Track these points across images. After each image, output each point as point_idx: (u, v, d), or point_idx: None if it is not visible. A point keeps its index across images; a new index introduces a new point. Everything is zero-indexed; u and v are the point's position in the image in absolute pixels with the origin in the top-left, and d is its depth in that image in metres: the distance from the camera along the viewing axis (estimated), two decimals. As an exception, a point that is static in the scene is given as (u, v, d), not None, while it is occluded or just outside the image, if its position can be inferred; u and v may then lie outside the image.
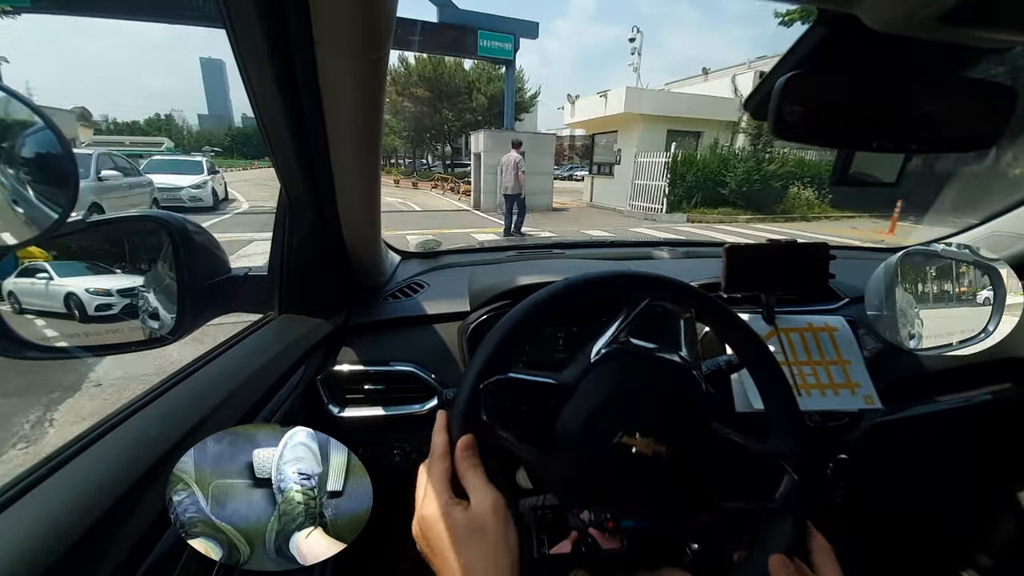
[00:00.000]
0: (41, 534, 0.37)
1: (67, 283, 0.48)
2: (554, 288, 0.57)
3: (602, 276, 0.59)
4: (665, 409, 0.54)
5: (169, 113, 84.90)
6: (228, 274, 0.81)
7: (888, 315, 0.93)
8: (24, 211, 0.49)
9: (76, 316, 0.51)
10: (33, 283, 0.48)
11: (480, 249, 1.48)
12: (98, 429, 0.50)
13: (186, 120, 79.80)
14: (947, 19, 0.33)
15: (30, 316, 0.48)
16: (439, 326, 0.96)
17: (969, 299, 0.95)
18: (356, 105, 0.57)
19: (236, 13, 0.48)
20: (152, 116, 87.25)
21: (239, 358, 0.71)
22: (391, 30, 0.49)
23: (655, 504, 0.55)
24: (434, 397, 0.87)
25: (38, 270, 0.47)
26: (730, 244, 0.89)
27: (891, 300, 0.93)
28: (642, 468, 0.51)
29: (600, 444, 0.51)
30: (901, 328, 0.93)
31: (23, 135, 0.48)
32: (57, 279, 0.48)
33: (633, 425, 0.51)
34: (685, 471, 0.54)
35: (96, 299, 0.49)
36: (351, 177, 0.71)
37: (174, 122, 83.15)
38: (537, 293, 0.57)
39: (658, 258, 1.36)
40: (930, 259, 0.99)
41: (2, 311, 0.56)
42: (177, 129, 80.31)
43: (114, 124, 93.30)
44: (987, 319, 0.91)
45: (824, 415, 0.92)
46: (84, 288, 0.49)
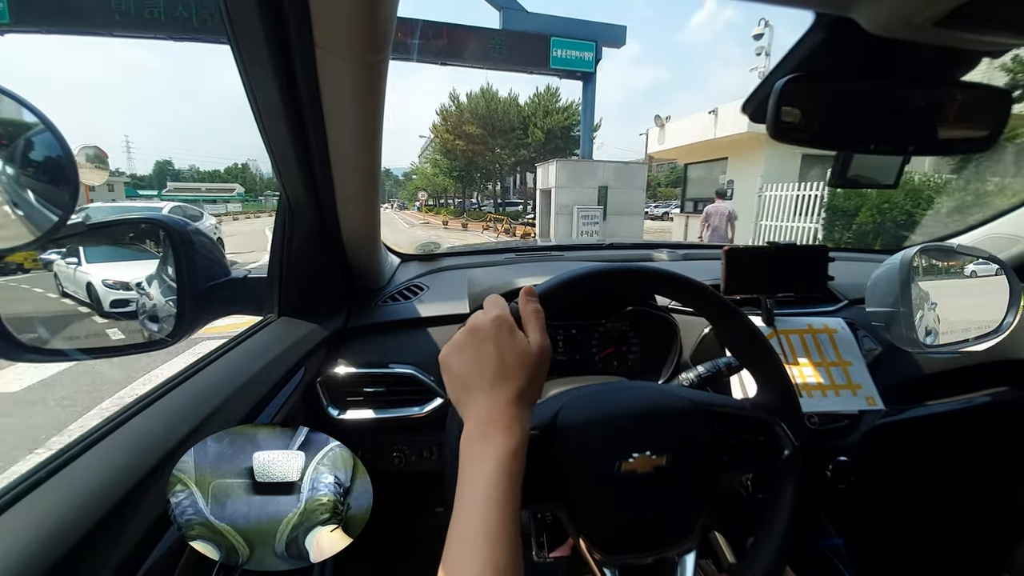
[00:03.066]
0: (43, 534, 0.37)
1: (90, 270, 0.47)
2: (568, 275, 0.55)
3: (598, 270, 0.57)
4: (648, 417, 0.54)
5: (245, 162, 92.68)
6: (228, 276, 0.81)
7: (904, 311, 0.91)
8: (24, 213, 0.49)
9: (94, 308, 0.51)
10: (67, 265, 0.48)
11: (479, 251, 1.48)
12: (100, 430, 0.50)
13: (259, 168, 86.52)
14: (944, 23, 0.33)
15: (68, 301, 0.48)
16: (438, 328, 0.96)
17: (984, 294, 0.95)
18: (356, 108, 0.57)
19: (237, 17, 0.49)
20: (231, 165, 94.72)
21: (239, 360, 0.71)
22: (391, 33, 0.49)
23: (658, 526, 0.55)
24: (434, 399, 0.87)
25: (70, 253, 0.48)
26: (730, 246, 0.89)
27: (907, 297, 0.91)
28: (646, 486, 0.52)
29: (602, 479, 0.51)
30: (918, 325, 0.91)
31: (23, 137, 0.48)
32: (84, 265, 0.48)
33: (629, 449, 0.51)
34: (688, 473, 0.54)
35: (112, 293, 0.47)
36: (351, 180, 0.71)
37: (248, 170, 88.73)
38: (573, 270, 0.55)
39: (657, 260, 1.36)
40: (945, 255, 0.99)
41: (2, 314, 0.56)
42: (251, 176, 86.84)
43: (197, 172, 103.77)
44: (1003, 314, 0.92)
45: (824, 416, 0.92)
46: (101, 280, 0.47)
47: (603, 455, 0.51)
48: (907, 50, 0.37)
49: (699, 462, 0.56)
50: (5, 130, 0.47)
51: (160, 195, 73.50)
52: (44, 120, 0.48)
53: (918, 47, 0.37)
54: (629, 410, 0.55)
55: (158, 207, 7.58)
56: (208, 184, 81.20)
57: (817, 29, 0.41)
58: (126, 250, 0.56)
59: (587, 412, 0.54)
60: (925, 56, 0.41)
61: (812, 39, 0.41)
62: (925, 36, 0.35)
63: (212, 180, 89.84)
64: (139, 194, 76.54)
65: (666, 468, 0.52)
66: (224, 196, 69.86)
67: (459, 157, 28.89)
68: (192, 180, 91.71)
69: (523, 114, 25.05)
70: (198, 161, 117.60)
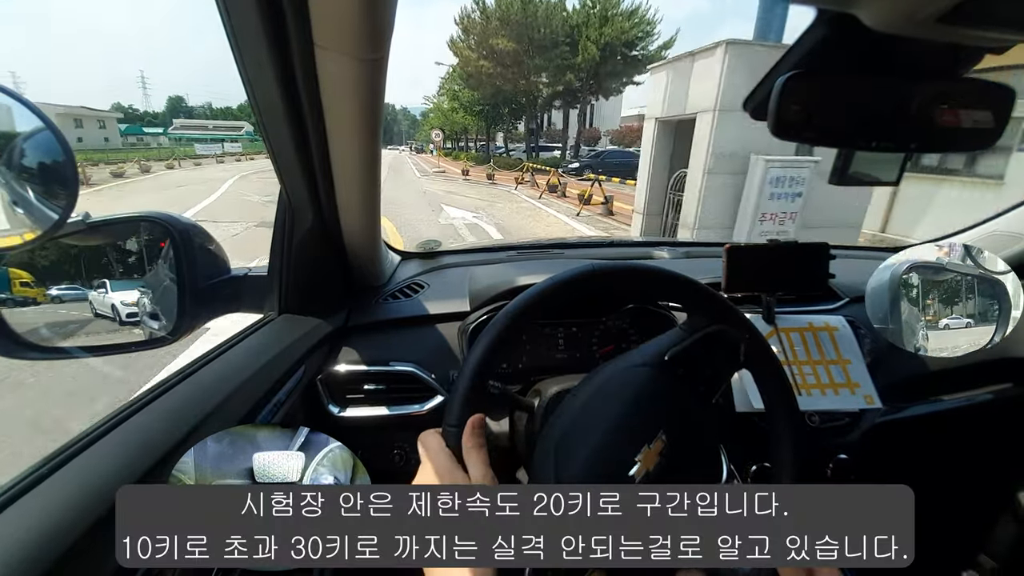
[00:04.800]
0: (43, 533, 0.37)
1: (114, 296, 0.65)
2: (559, 277, 0.53)
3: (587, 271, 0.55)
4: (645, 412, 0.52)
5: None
6: (228, 274, 0.81)
7: (894, 327, 0.94)
8: (24, 212, 0.49)
9: (116, 320, 0.67)
10: (99, 293, 0.65)
11: (479, 249, 1.48)
12: (99, 428, 0.50)
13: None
14: (946, 19, 0.33)
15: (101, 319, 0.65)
16: (439, 326, 0.96)
17: (975, 314, 0.95)
18: (356, 106, 0.57)
19: (236, 16, 0.48)
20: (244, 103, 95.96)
21: (239, 358, 0.71)
22: (391, 30, 0.49)
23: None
24: (434, 397, 0.87)
25: (101, 285, 0.64)
26: (730, 244, 0.89)
27: (896, 312, 0.94)
28: (666, 475, 0.49)
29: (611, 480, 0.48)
30: (907, 340, 0.94)
31: (24, 137, 0.48)
32: (110, 293, 0.65)
33: (627, 459, 0.48)
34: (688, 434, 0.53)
35: (127, 308, 0.65)
36: (351, 178, 0.71)
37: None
38: (547, 280, 0.53)
39: (658, 258, 1.36)
40: (934, 271, 0.99)
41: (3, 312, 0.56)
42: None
43: (210, 109, 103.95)
44: (992, 333, 0.92)
45: (824, 415, 0.92)
46: (120, 301, 0.65)
47: (616, 478, 0.47)
48: (909, 46, 0.37)
49: (688, 418, 0.53)
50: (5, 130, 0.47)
51: (166, 132, 73.14)
52: (44, 119, 0.48)
53: (921, 43, 0.36)
54: (610, 421, 0.51)
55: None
56: (216, 122, 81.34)
57: (819, 25, 0.40)
58: (141, 279, 0.71)
59: (582, 448, 0.49)
60: (928, 52, 0.40)
61: (814, 35, 0.41)
62: (927, 32, 0.35)
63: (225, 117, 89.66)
64: (144, 131, 75.57)
65: (668, 447, 0.50)
66: (231, 135, 68.37)
67: (484, 84, 22.12)
68: (204, 118, 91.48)
69: (571, 23, 18.28)
70: (214, 98, 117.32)
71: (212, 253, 0.78)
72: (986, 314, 0.93)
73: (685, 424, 0.53)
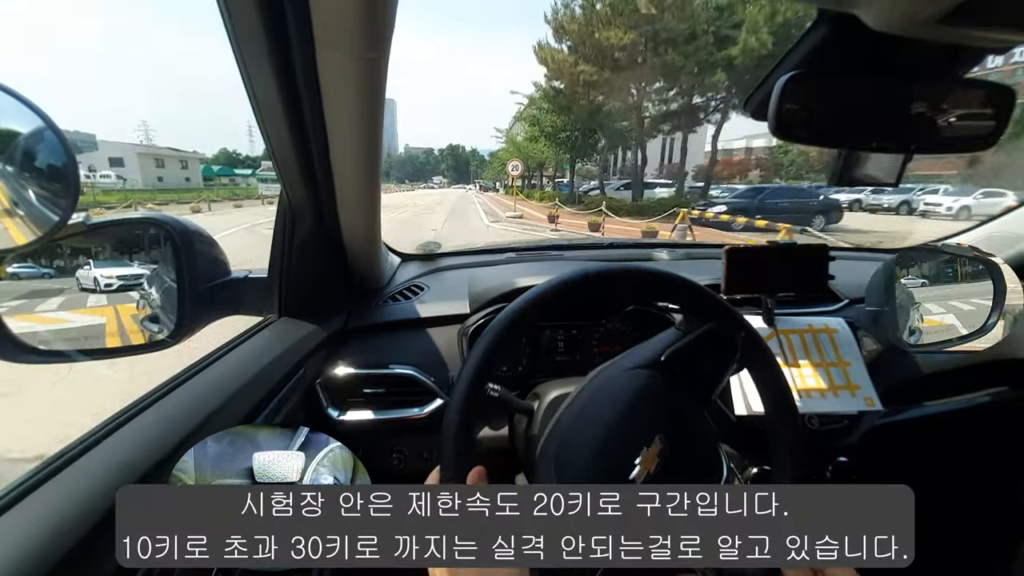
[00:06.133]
0: (43, 536, 0.37)
1: (96, 271, 0.68)
2: (557, 280, 0.53)
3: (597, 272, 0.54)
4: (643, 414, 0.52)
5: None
6: (228, 276, 0.80)
7: (888, 311, 0.93)
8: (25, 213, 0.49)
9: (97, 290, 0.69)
10: (85, 271, 0.67)
11: (479, 251, 1.48)
12: (100, 431, 0.50)
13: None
14: (947, 19, 0.33)
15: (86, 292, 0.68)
16: (439, 328, 0.96)
17: (969, 294, 0.95)
18: (357, 105, 0.57)
19: (237, 14, 0.49)
20: None
21: (239, 361, 0.71)
22: (391, 29, 0.49)
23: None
24: (434, 400, 0.87)
25: (85, 263, 0.68)
26: (730, 246, 0.89)
27: (891, 297, 0.93)
28: (667, 474, 0.49)
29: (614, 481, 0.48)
30: (901, 325, 0.93)
31: (24, 136, 0.48)
32: (93, 269, 0.68)
33: (628, 461, 0.48)
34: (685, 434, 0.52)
35: (104, 280, 0.69)
36: (351, 179, 0.71)
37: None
38: (546, 282, 0.53)
39: (658, 259, 1.36)
40: (930, 255, 0.99)
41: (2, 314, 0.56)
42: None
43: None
44: (987, 314, 0.91)
45: (823, 418, 0.91)
46: (100, 274, 0.69)
47: (617, 481, 0.47)
48: (910, 47, 0.37)
49: (687, 417, 0.53)
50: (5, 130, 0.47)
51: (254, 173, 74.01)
52: (46, 120, 0.47)
53: (921, 44, 0.37)
54: (609, 425, 0.51)
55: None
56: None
57: (820, 25, 0.41)
58: (124, 256, 0.73)
59: (582, 453, 0.49)
60: (928, 53, 0.41)
61: (815, 36, 0.41)
62: (928, 33, 0.35)
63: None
64: (235, 172, 79.28)
65: (667, 448, 0.49)
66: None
67: (578, 99, 15.88)
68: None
69: (717, 3, 12.37)
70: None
71: (212, 255, 0.77)
72: (984, 308, 0.93)
73: (684, 424, 0.53)
